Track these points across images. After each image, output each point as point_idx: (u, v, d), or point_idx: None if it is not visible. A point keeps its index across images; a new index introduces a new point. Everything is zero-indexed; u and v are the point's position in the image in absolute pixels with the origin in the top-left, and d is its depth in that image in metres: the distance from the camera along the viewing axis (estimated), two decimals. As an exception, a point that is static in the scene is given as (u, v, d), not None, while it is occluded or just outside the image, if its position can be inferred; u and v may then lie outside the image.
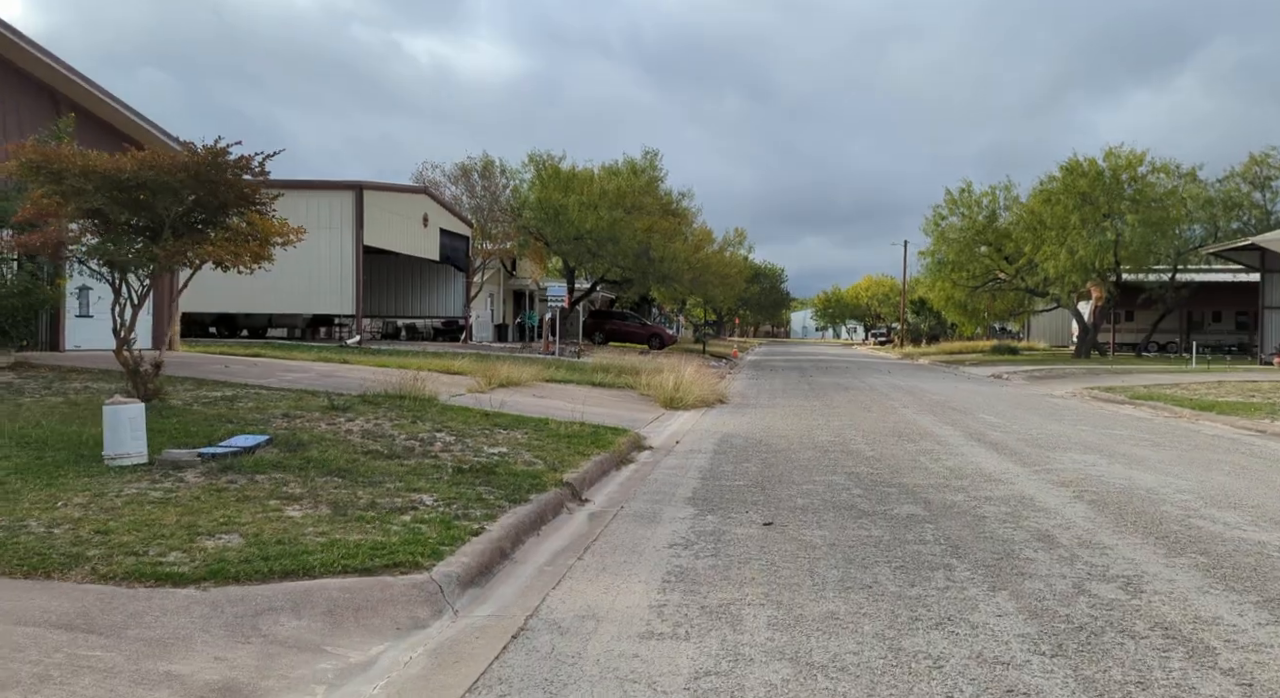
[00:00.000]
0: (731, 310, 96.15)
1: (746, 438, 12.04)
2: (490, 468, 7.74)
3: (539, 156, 36.53)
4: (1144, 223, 34.02)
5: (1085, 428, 13.55)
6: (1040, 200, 37.19)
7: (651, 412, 15.54)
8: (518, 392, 15.88)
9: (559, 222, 34.87)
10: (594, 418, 13.33)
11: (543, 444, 9.51)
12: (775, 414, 15.46)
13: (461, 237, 33.12)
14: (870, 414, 15.47)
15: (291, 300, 25.67)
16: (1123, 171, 35.42)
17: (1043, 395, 21.59)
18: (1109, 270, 37.10)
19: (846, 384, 24.21)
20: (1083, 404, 19.06)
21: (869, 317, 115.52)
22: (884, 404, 17.66)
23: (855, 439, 11.86)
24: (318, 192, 24.91)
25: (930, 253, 43.90)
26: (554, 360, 22.78)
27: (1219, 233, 39.57)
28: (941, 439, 11.82)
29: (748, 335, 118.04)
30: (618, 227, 34.63)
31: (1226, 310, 47.97)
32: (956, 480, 8.54)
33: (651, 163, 38.17)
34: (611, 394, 17.57)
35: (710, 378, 22.29)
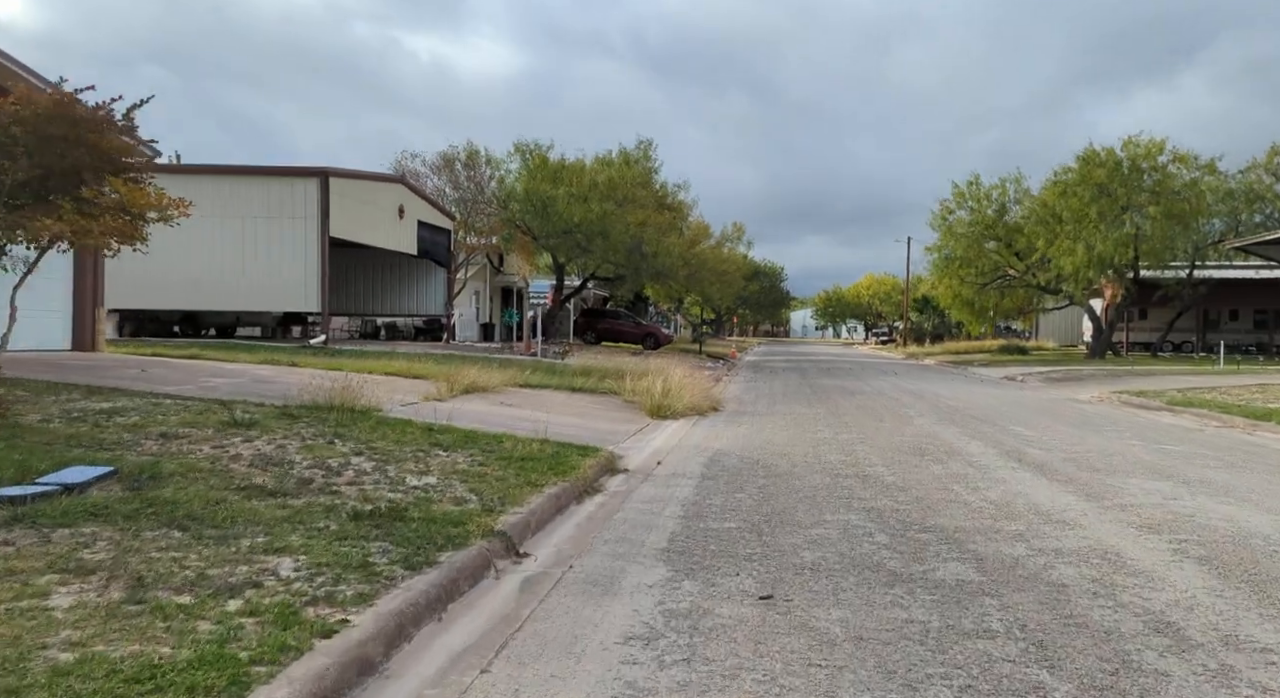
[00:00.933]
0: (730, 309, 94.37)
1: (741, 457, 10.18)
2: (400, 511, 5.88)
3: (526, 146, 34.71)
4: (1166, 215, 32.15)
5: (1134, 443, 11.69)
6: (1055, 193, 35.32)
7: (634, 422, 13.68)
8: (482, 400, 14.02)
9: (547, 214, 33.02)
10: (563, 432, 11.49)
11: (486, 472, 7.66)
12: (775, 425, 13.59)
13: (442, 230, 31.25)
14: (883, 425, 13.60)
15: (255, 297, 23.82)
16: (1142, 161, 33.54)
17: (1066, 400, 19.75)
18: (1127, 266, 35.24)
19: (852, 388, 22.34)
20: (1115, 411, 17.21)
21: (870, 316, 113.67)
22: (897, 412, 15.80)
23: (870, 458, 10.01)
24: (277, 178, 23.05)
25: (937, 248, 42.07)
26: (534, 362, 20.93)
27: (1240, 227, 37.73)
28: (973, 459, 9.96)
29: (747, 335, 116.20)
30: (609, 220, 32.79)
31: (1244, 309, 46.15)
32: (1008, 522, 6.68)
33: (645, 153, 36.34)
34: (591, 401, 15.71)
35: (704, 381, 20.45)
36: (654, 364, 23.27)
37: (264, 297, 23.70)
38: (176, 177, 23.39)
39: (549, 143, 34.95)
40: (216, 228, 23.18)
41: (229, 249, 23.24)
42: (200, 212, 25.13)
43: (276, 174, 23.01)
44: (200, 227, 23.28)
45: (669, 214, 36.93)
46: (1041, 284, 39.49)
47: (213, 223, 23.06)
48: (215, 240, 23.26)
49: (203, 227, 23.25)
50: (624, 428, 12.87)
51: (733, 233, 43.21)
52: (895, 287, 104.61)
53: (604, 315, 43.89)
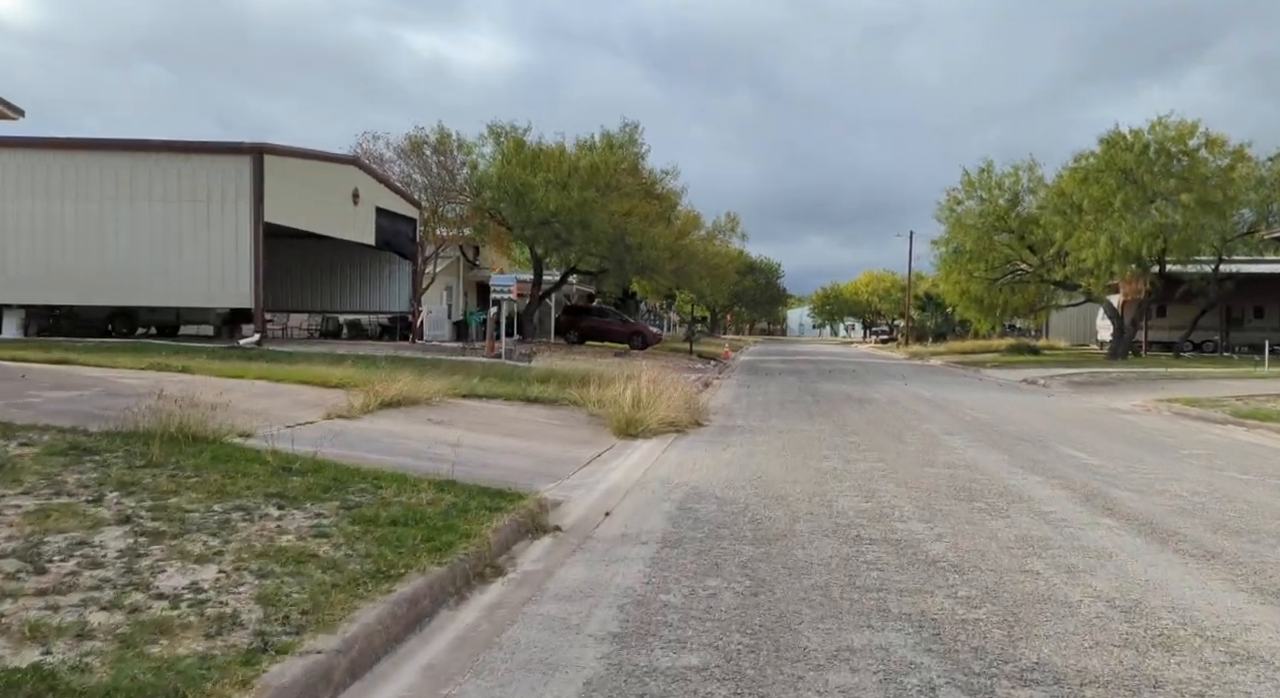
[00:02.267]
0: (725, 306, 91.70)
1: (722, 501, 7.46)
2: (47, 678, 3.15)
3: (500, 128, 31.91)
4: (1200, 203, 29.43)
5: (1238, 476, 8.98)
6: (1075, 180, 32.58)
7: (594, 444, 10.95)
8: (405, 416, 11.28)
9: (522, 202, 30.25)
10: (493, 463, 8.78)
11: (319, 551, 4.92)
12: (769, 448, 10.86)
13: (406, 218, 28.45)
14: (905, 447, 10.87)
15: (187, 292, 21.01)
16: (1171, 145, 30.79)
17: (1107, 410, 17.06)
18: (1153, 260, 32.54)
19: (859, 395, 19.63)
20: (1172, 425, 14.51)
21: (869, 314, 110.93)
22: (918, 428, 13.07)
23: (899, 504, 7.28)
24: (201, 156, 20.21)
25: (944, 242, 39.33)
26: (493, 366, 18.20)
27: (1271, 217, 35.05)
28: (1042, 507, 7.23)
29: (743, 333, 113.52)
30: (590, 208, 30.04)
31: (1270, 305, 43.45)
32: (1161, 657, 3.96)
33: (631, 137, 33.58)
34: (547, 416, 12.98)
35: (688, 387, 17.74)
36: (635, 367, 20.65)
37: (195, 291, 20.92)
38: (75, 153, 20.61)
39: (525, 125, 32.17)
40: (135, 212, 20.38)
41: (153, 237, 20.44)
42: (111, 194, 22.45)
43: (201, 151, 20.19)
44: (114, 211, 20.53)
45: (656, 203, 34.15)
46: (1058, 279, 36.75)
47: (128, 206, 20.26)
48: (136, 227, 20.47)
49: (118, 211, 20.50)
50: (578, 453, 10.15)
51: (725, 224, 40.54)
52: (895, 284, 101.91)
53: (588, 313, 41.13)
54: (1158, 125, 31.09)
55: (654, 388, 14.31)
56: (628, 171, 33.66)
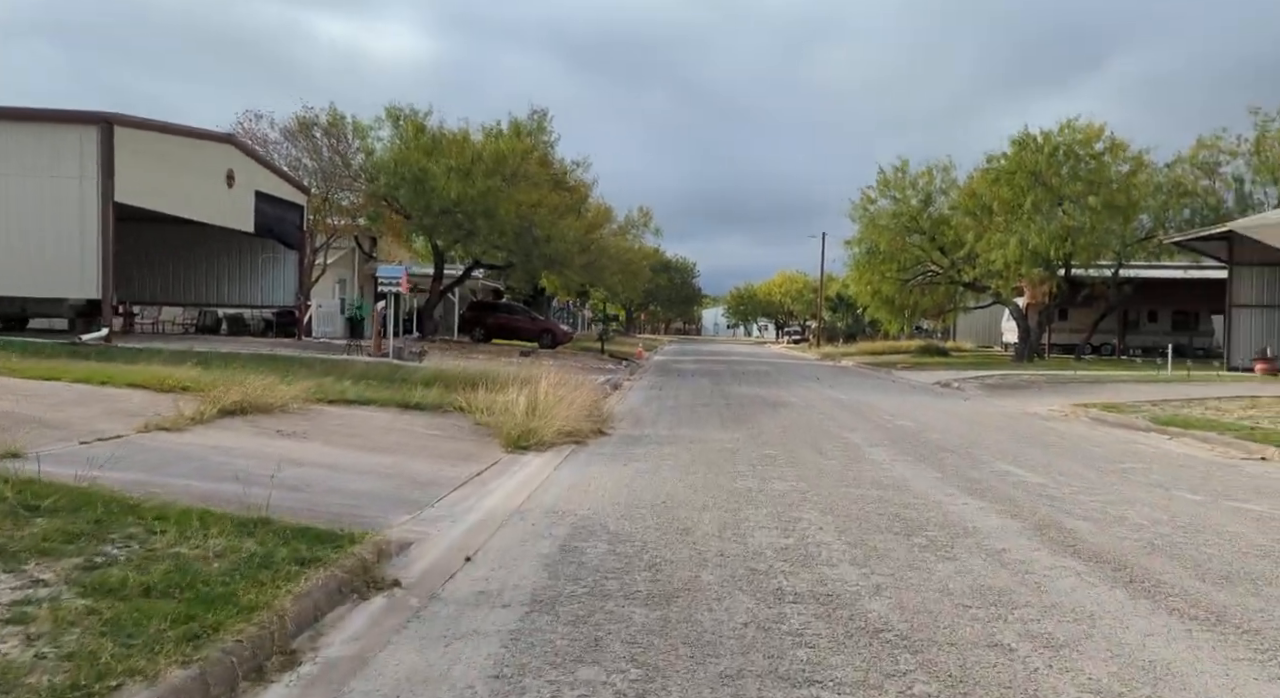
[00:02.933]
0: (640, 305, 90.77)
1: (615, 540, 6.09)
2: None
3: (398, 110, 29.83)
4: (1107, 207, 29.62)
5: (1189, 496, 8.10)
6: (987, 181, 32.51)
7: (476, 459, 9.45)
8: (250, 426, 9.56)
9: (421, 189, 28.32)
10: (342, 487, 7.26)
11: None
12: (676, 463, 9.56)
13: (291, 205, 26.19)
14: (827, 462, 9.72)
15: (25, 280, 18.45)
16: (1079, 147, 30.92)
17: (1026, 415, 16.43)
18: (1059, 262, 32.72)
19: (774, 398, 18.59)
20: (1095, 432, 13.86)
21: (781, 314, 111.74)
22: (838, 437, 11.99)
23: (826, 542, 6.05)
24: (39, 125, 17.75)
25: (858, 242, 38.96)
26: (376, 366, 16.43)
27: (1167, 223, 35.82)
28: (993, 543, 6.10)
29: (658, 332, 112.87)
30: (494, 198, 28.32)
31: (1163, 310, 44.71)
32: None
33: (540, 124, 31.94)
34: (427, 425, 11.40)
35: (593, 391, 16.37)
36: (539, 369, 19.22)
37: (37, 279, 18.41)
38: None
39: (426, 108, 30.19)
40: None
41: (-17, 216, 17.86)
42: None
43: (39, 119, 17.72)
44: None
45: (566, 195, 32.63)
46: (967, 281, 36.79)
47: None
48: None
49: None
50: (454, 472, 8.64)
51: (639, 219, 39.26)
52: (807, 285, 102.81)
53: (495, 309, 39.33)
54: (1066, 128, 31.24)
55: (554, 393, 12.88)
56: (536, 161, 32.04)
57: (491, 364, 22.42)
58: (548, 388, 13.05)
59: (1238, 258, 28.79)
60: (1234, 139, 35.35)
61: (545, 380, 13.37)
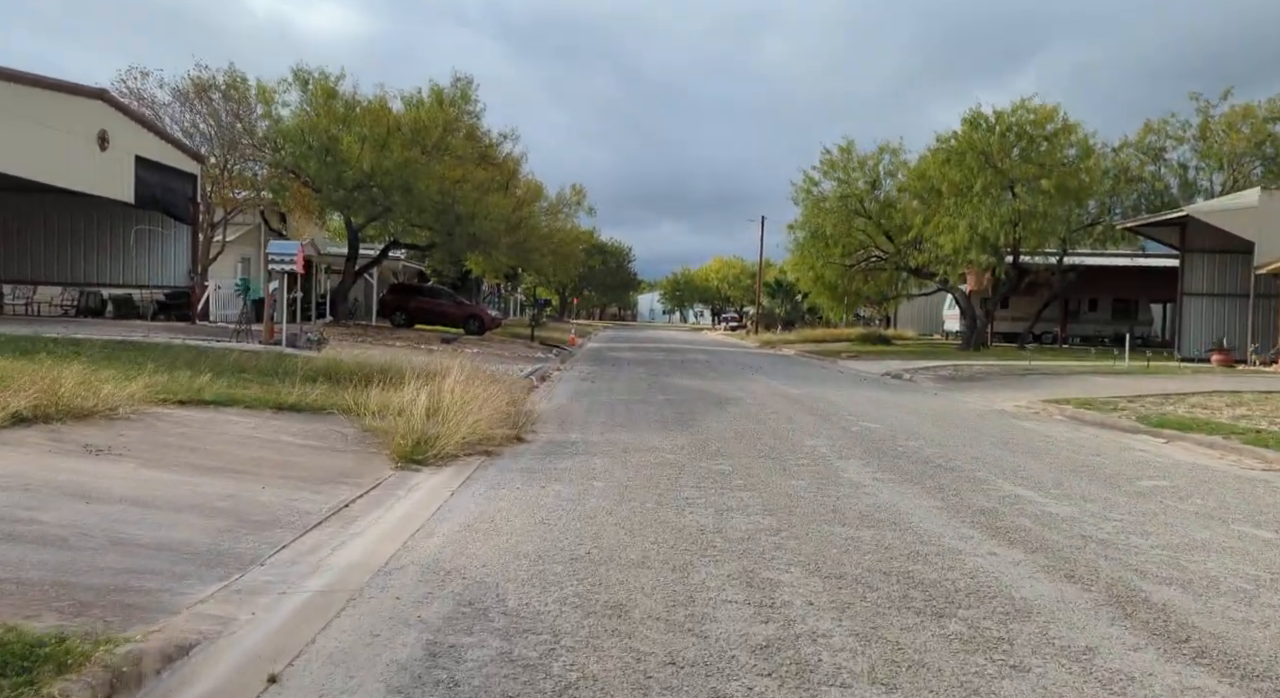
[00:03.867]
0: (574, 289, 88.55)
1: (512, 627, 4.09)
2: None
3: (307, 73, 27.03)
4: (1059, 190, 28.53)
5: (1262, 534, 6.45)
6: (937, 162, 31.19)
7: (351, 481, 7.33)
8: (48, 438, 7.27)
9: (330, 161, 25.68)
10: (133, 536, 5.14)
11: None
12: (608, 485, 7.59)
13: (181, 173, 23.33)
14: (795, 483, 7.86)
15: None
16: (1031, 128, 29.75)
17: (996, 413, 14.93)
18: (1008, 248, 31.66)
19: (719, 392, 16.75)
20: (1079, 434, 12.35)
21: (718, 300, 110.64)
22: (801, 446, 10.16)
23: (823, 630, 4.17)
24: None
25: (800, 225, 37.43)
26: (259, 356, 14.03)
27: (1113, 208, 35.16)
28: (1071, 635, 4.28)
29: (593, 318, 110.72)
30: (413, 171, 25.84)
31: (1103, 298, 44.38)
32: None
33: (464, 93, 29.43)
34: (299, 434, 9.18)
35: (511, 388, 14.29)
36: (459, 357, 17.02)
37: None
38: None
39: (338, 72, 27.47)
40: None
41: None
42: None
43: None
44: None
45: (494, 171, 30.24)
46: (913, 267, 35.58)
47: None
48: None
49: None
50: (311, 503, 6.52)
51: (571, 197, 36.87)
52: (744, 270, 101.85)
53: (418, 292, 36.75)
54: (1020, 108, 30.06)
55: (465, 389, 10.80)
56: (461, 133, 29.60)
57: (404, 353, 20.12)
58: (457, 383, 10.96)
59: (1190, 244, 28.01)
60: (1179, 125, 34.81)
61: (455, 374, 11.24)
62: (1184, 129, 34.79)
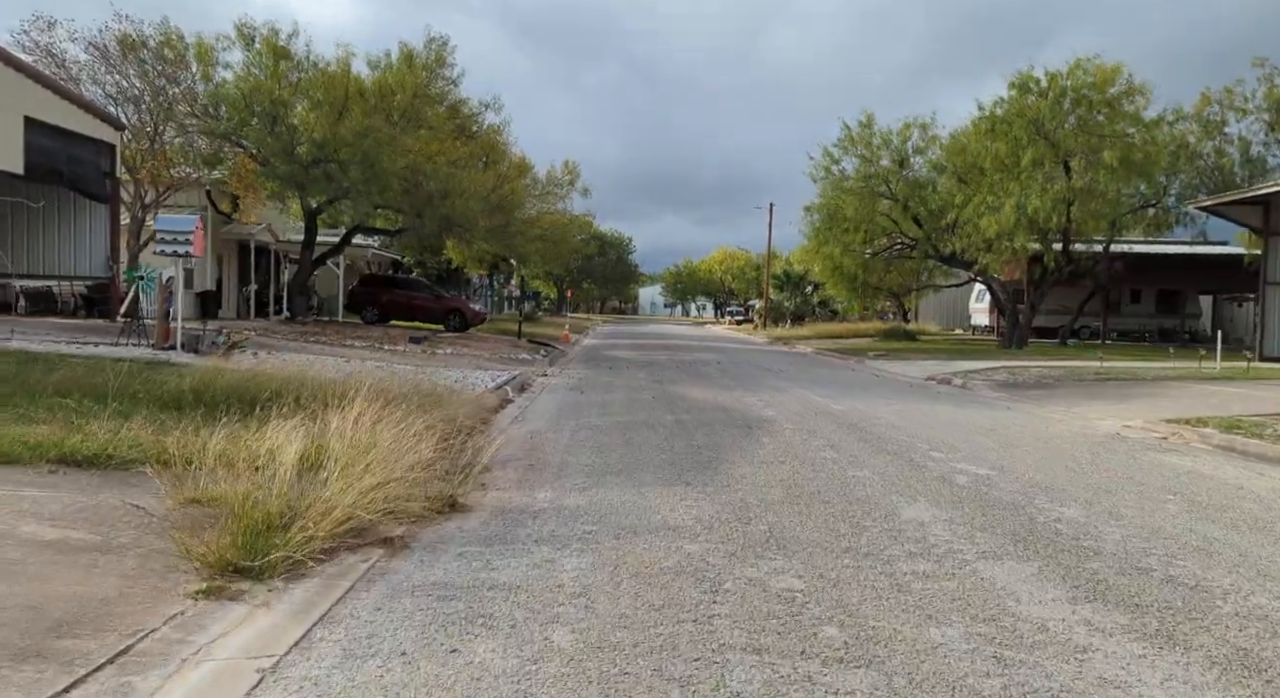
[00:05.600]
0: (573, 282, 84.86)
1: None
2: None
3: (251, 28, 23.22)
4: (1124, 164, 24.73)
5: None
6: (980, 133, 27.39)
7: (89, 637, 3.56)
8: None
9: (277, 130, 21.91)
10: None
11: None
12: (578, 639, 3.84)
13: (92, 141, 19.56)
14: (936, 634, 4.12)
15: None
16: (1092, 92, 25.90)
17: (1114, 440, 11.22)
18: (1057, 232, 27.87)
19: (743, 410, 13.02)
20: (1261, 483, 8.61)
21: (722, 293, 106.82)
22: (900, 523, 6.43)
23: None
24: None
25: (818, 207, 33.63)
26: (119, 367, 10.25)
27: (1171, 187, 31.35)
28: None
29: (592, 312, 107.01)
30: (376, 142, 22.07)
31: (1146, 289, 40.59)
32: None
33: (438, 55, 25.63)
34: (58, 516, 5.43)
35: (471, 407, 10.62)
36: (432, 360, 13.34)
37: None
38: None
39: (290, 28, 23.71)
40: None
41: None
42: None
43: None
44: None
45: (473, 145, 26.45)
46: (948, 254, 31.76)
47: None
48: None
49: None
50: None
51: (563, 176, 32.87)
52: (749, 262, 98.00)
53: (392, 285, 33.07)
54: (1077, 68, 26.13)
55: (373, 424, 7.14)
56: (434, 101, 25.82)
57: (355, 357, 16.41)
58: (365, 412, 7.27)
59: (1275, 226, 24.24)
60: (1244, 95, 30.96)
61: (360, 404, 7.50)
62: (1247, 100, 30.94)
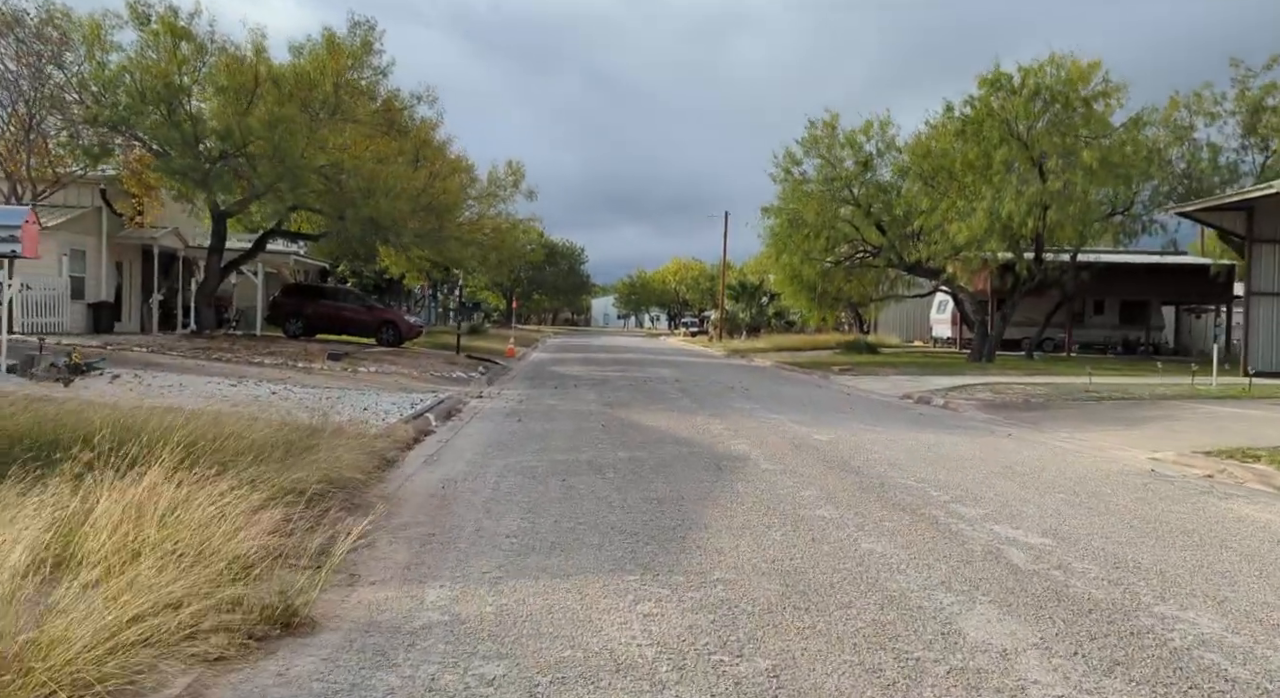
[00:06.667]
0: (523, 293, 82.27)
1: None
2: None
3: (146, 3, 20.52)
4: (1103, 166, 23.26)
5: None
6: (948, 133, 25.80)
7: None
8: None
9: (175, 118, 19.28)
10: None
11: None
12: None
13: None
14: None
15: None
16: (1065, 88, 24.36)
17: (1151, 478, 9.32)
18: (1029, 239, 26.36)
19: (709, 444, 10.86)
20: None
21: (675, 304, 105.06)
22: (952, 645, 4.26)
23: None
24: None
25: (777, 211, 31.79)
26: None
27: (1141, 194, 30.17)
28: None
29: (544, 323, 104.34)
30: (288, 134, 19.55)
31: (1110, 300, 39.59)
32: None
33: (365, 41, 23.17)
34: None
35: (369, 441, 8.29)
36: (342, 380, 11.03)
37: None
38: None
39: (193, 6, 21.13)
40: None
41: None
42: None
43: None
44: None
45: (403, 141, 24.04)
46: (913, 262, 30.12)
47: None
48: None
49: None
50: None
51: (507, 178, 30.41)
52: (703, 272, 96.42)
53: (319, 295, 30.37)
54: (1050, 63, 24.64)
55: (182, 501, 4.83)
56: (361, 92, 23.37)
57: (230, 386, 13.92)
58: (168, 478, 4.98)
59: (1260, 232, 22.96)
60: (1213, 97, 29.92)
61: (177, 453, 5.16)
62: (1217, 102, 29.92)
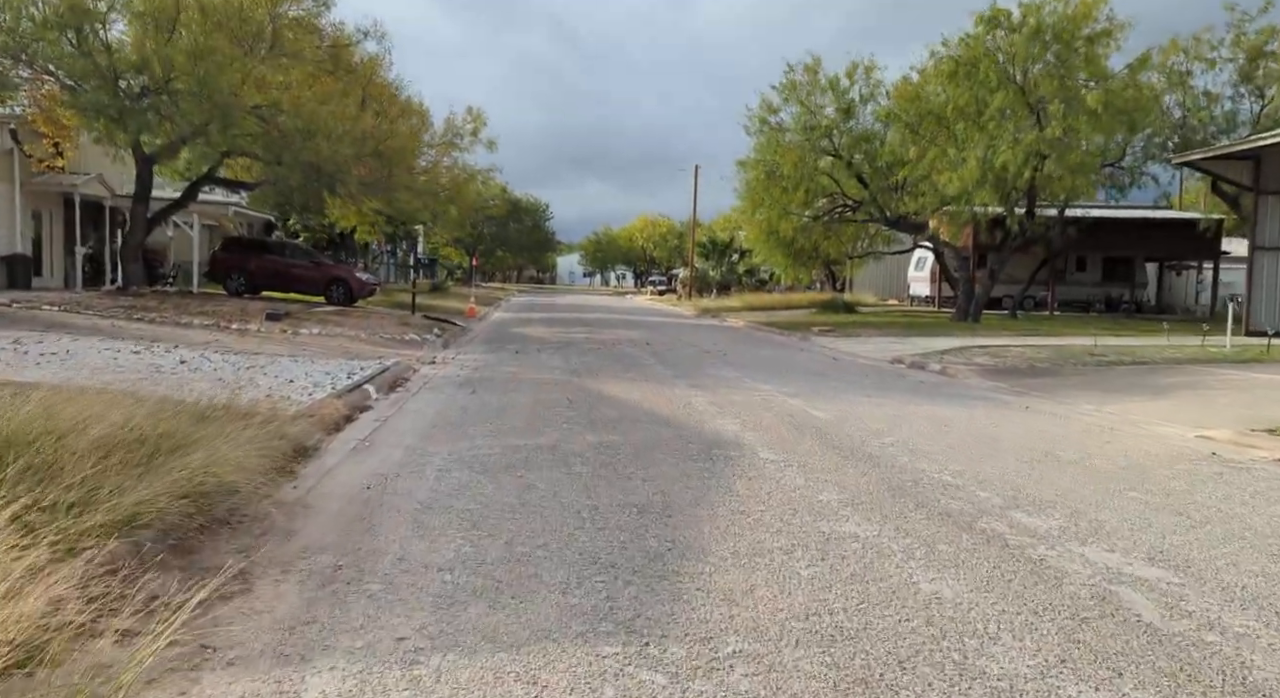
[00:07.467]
0: (486, 250, 79.78)
1: None
2: None
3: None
4: (1108, 110, 21.74)
5: None
6: (939, 75, 24.10)
7: None
8: None
9: (85, 48, 16.99)
10: None
11: None
12: None
13: None
14: None
15: None
16: (1070, 26, 22.68)
17: (1223, 466, 7.91)
18: (1024, 190, 24.91)
19: (693, 423, 9.30)
20: None
21: (642, 261, 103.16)
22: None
23: None
24: None
25: (753, 163, 30.03)
26: None
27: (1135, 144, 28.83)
28: None
29: (509, 281, 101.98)
30: (215, 67, 17.34)
31: (1092, 257, 38.51)
32: None
33: (303, -34, 20.82)
34: None
35: (275, 425, 6.51)
36: (245, 353, 9.28)
37: None
38: None
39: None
40: None
41: None
42: None
43: None
44: None
45: (348, 80, 21.84)
46: (895, 217, 28.61)
47: None
48: None
49: None
50: None
51: (465, 125, 28.22)
52: (671, 229, 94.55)
53: (263, 249, 28.10)
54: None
55: None
56: (301, 26, 21.09)
57: (134, 353, 12.06)
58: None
59: (1267, 184, 21.70)
60: (1210, 43, 28.51)
61: None
62: (1214, 48, 28.54)
